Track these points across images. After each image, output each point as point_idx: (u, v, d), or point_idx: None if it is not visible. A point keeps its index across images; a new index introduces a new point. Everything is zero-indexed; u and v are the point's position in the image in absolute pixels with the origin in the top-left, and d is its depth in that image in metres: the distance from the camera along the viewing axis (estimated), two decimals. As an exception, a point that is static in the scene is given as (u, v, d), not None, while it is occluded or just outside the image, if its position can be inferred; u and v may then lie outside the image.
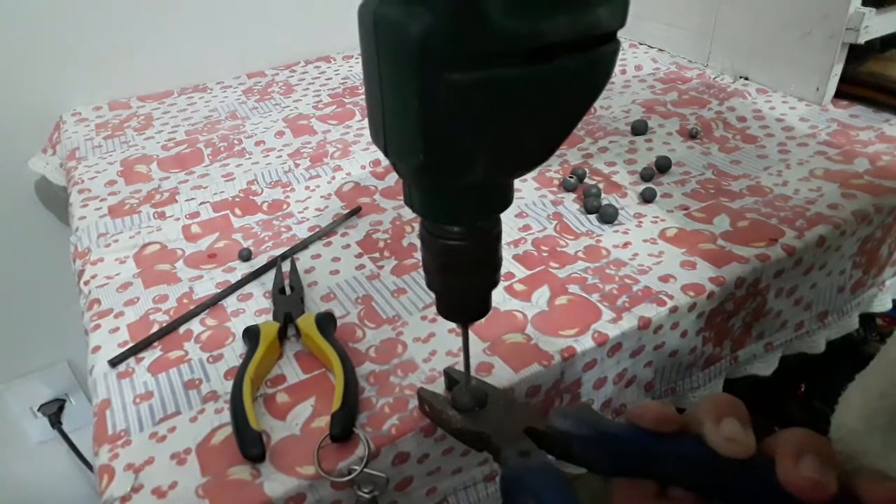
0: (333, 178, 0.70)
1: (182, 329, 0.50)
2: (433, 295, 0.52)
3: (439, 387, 0.44)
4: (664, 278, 0.53)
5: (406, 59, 0.23)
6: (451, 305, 0.34)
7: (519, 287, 0.53)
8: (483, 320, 0.40)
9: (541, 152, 0.28)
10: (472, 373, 0.39)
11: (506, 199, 0.30)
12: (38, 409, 1.06)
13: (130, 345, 0.48)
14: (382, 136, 0.27)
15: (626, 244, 0.57)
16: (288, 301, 0.51)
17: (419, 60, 0.23)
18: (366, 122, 0.82)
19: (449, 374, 0.42)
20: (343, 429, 0.40)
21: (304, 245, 0.59)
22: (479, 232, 0.30)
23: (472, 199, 0.29)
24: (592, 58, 0.25)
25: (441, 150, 0.25)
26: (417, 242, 0.59)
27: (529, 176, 0.68)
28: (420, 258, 0.55)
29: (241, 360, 0.46)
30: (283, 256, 0.57)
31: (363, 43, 0.26)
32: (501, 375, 0.44)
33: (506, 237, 0.56)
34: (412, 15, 0.22)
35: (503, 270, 0.54)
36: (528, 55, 0.23)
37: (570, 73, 0.24)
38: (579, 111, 0.27)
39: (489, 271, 0.32)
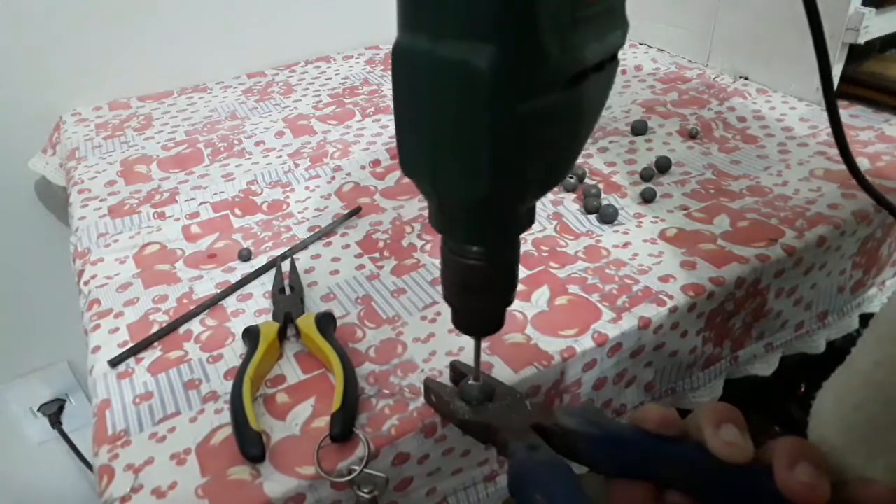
0: (333, 178, 0.70)
1: (182, 329, 0.50)
2: (433, 295, 0.52)
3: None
4: (664, 278, 0.53)
5: (475, 95, 0.24)
6: (467, 321, 0.35)
7: (519, 287, 0.52)
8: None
9: (568, 168, 0.30)
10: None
11: (531, 219, 0.31)
12: (38, 409, 1.05)
13: (130, 345, 0.49)
14: (429, 171, 0.28)
15: (626, 244, 0.57)
16: (288, 301, 0.51)
17: (490, 95, 0.24)
18: (366, 122, 0.82)
19: (456, 368, 0.42)
20: (343, 429, 0.40)
21: (304, 245, 0.59)
22: (500, 253, 0.31)
23: (509, 221, 0.30)
24: (607, 74, 0.27)
25: (505, 179, 0.27)
26: (418, 243, 0.59)
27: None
28: (419, 259, 0.54)
29: (240, 361, 0.46)
30: (283, 256, 0.57)
31: (404, 83, 0.26)
32: (501, 375, 0.44)
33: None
34: (478, 52, 0.23)
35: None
36: (572, 80, 0.25)
37: (594, 91, 0.27)
38: (594, 123, 0.29)
39: (506, 291, 0.33)
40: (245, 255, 0.57)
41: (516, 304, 0.51)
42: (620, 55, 0.28)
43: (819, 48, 0.44)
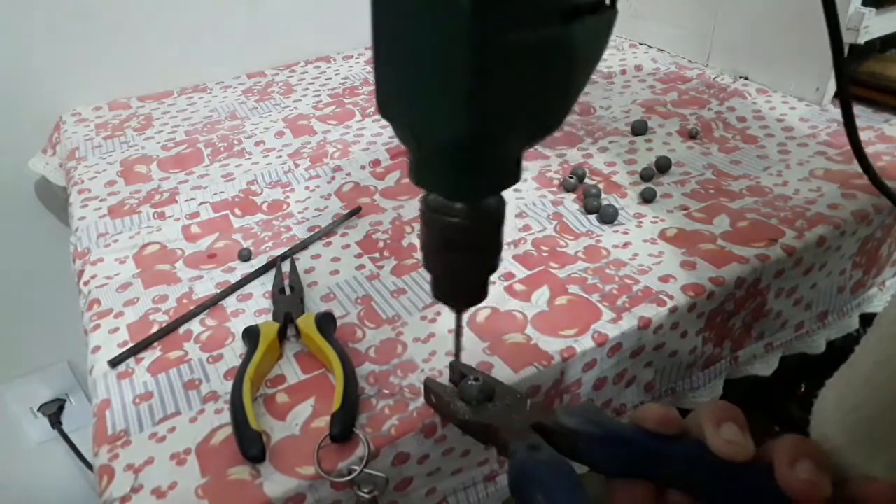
0: (333, 178, 0.70)
1: (182, 329, 0.50)
2: (433, 294, 0.52)
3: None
4: (664, 278, 0.53)
5: (457, 22, 0.23)
6: (448, 288, 0.33)
7: (519, 287, 0.53)
8: (483, 319, 0.39)
9: (560, 117, 0.29)
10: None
11: (517, 174, 0.30)
12: (38, 409, 1.06)
13: (130, 345, 0.48)
14: (407, 110, 0.26)
15: (626, 244, 0.57)
16: (288, 301, 0.51)
17: (474, 20, 0.22)
18: (366, 122, 0.82)
19: (455, 368, 0.42)
20: (343, 429, 0.40)
21: (304, 245, 0.59)
22: (484, 210, 0.30)
23: (492, 171, 0.28)
24: (603, 19, 0.26)
25: (488, 119, 0.25)
26: (417, 242, 0.59)
27: (529, 176, 0.68)
28: (419, 259, 0.54)
29: (240, 361, 0.46)
30: (283, 256, 0.57)
31: (385, 15, 0.25)
32: (501, 375, 0.44)
33: (506, 237, 0.56)
34: None
35: (502, 270, 0.54)
36: (563, 15, 0.24)
37: (589, 33, 0.26)
38: (589, 74, 0.28)
39: (489, 254, 0.32)
40: (245, 255, 0.57)
41: (516, 304, 0.51)
42: (621, 56, 0.28)
43: (836, 51, 0.43)
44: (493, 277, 0.34)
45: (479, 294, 0.33)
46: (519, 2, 0.23)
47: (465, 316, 0.49)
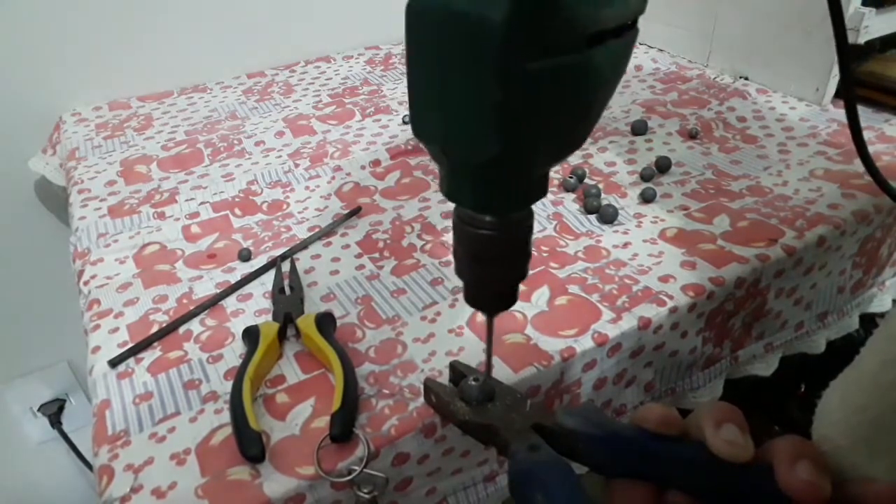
0: (333, 178, 0.70)
1: (182, 329, 0.50)
2: (433, 295, 0.52)
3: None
4: (664, 278, 0.53)
5: (486, 51, 0.24)
6: (479, 295, 0.34)
7: (519, 287, 0.52)
8: (483, 319, 0.39)
9: (583, 136, 0.29)
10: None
11: (544, 189, 0.31)
12: (38, 409, 1.06)
13: (130, 345, 0.48)
14: (439, 132, 0.27)
15: (625, 244, 0.57)
16: (288, 301, 0.51)
17: (502, 51, 0.23)
18: (366, 122, 0.82)
19: (455, 368, 0.42)
20: (343, 429, 0.40)
21: (303, 245, 0.59)
22: (513, 222, 0.31)
23: (520, 187, 0.30)
24: (625, 42, 0.27)
25: (515, 141, 0.26)
26: (417, 243, 0.59)
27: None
28: (419, 259, 0.55)
29: (240, 361, 0.46)
30: (283, 256, 0.57)
31: (417, 39, 0.26)
32: (501, 375, 0.44)
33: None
34: (493, 4, 0.23)
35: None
36: (587, 42, 0.25)
37: (612, 57, 0.26)
38: (612, 92, 0.29)
39: (519, 263, 0.33)
40: (245, 255, 0.57)
41: (516, 304, 0.51)
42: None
43: (841, 53, 0.43)
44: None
45: (510, 300, 0.34)
46: (545, 32, 0.24)
47: (465, 317, 0.49)
